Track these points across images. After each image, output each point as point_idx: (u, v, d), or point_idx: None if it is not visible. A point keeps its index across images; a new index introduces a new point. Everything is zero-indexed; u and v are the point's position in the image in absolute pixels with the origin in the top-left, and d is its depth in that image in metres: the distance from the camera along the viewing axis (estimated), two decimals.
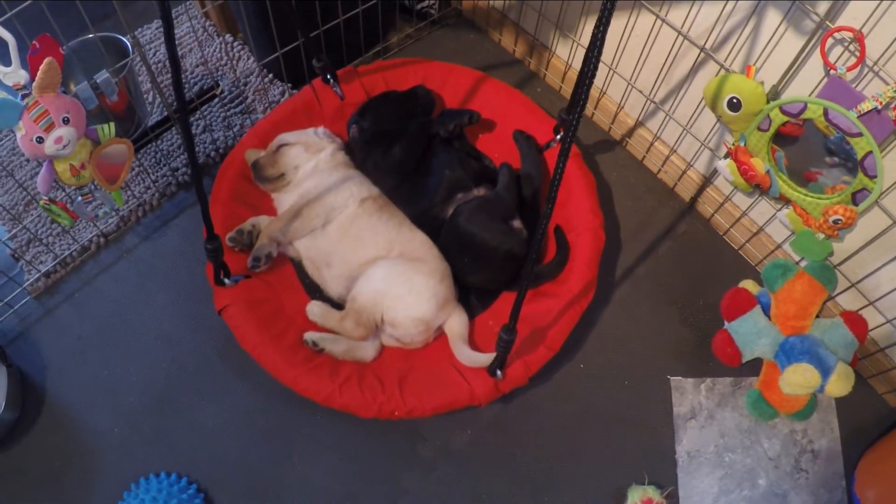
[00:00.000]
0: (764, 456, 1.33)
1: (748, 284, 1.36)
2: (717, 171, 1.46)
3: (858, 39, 1.02)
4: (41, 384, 1.37)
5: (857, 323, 1.24)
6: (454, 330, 1.34)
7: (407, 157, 1.47)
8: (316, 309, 1.36)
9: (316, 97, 1.58)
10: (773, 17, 1.16)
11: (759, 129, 1.22)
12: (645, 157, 1.66)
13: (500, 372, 1.23)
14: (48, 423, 1.33)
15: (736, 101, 1.21)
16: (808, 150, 1.22)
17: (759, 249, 1.51)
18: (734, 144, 1.30)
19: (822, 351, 1.21)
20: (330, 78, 1.56)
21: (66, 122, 1.12)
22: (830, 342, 1.23)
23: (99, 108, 1.39)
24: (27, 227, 1.51)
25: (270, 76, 1.74)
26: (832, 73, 1.07)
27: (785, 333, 1.25)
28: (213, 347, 1.40)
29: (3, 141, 1.69)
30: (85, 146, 1.21)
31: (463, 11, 1.93)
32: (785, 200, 1.30)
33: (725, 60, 1.29)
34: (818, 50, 1.09)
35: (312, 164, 1.47)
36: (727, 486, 1.30)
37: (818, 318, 1.26)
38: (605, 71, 1.59)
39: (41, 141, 1.11)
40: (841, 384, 1.19)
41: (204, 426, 1.33)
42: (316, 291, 1.44)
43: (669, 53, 1.40)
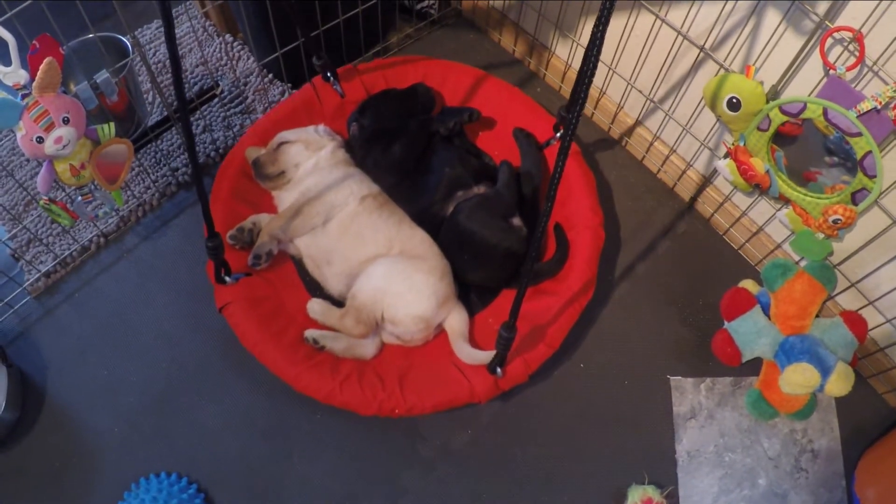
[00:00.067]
0: (764, 455, 1.33)
1: (748, 284, 1.36)
2: (716, 170, 1.46)
3: (858, 39, 1.02)
4: (41, 384, 1.37)
5: (856, 322, 1.24)
6: (454, 327, 1.34)
7: (407, 154, 1.47)
8: (316, 306, 1.37)
9: (316, 95, 1.58)
10: (772, 16, 1.16)
11: (758, 128, 1.22)
12: (644, 156, 1.66)
13: (500, 369, 1.23)
14: (48, 423, 1.33)
15: (735, 100, 1.21)
16: (807, 149, 1.22)
17: (758, 249, 1.51)
18: (734, 144, 1.30)
19: (821, 350, 1.21)
20: (330, 76, 1.56)
21: (66, 122, 1.12)
22: (830, 342, 1.23)
23: (99, 108, 1.39)
24: (27, 227, 1.51)
25: (270, 76, 1.74)
26: (832, 72, 1.08)
27: (785, 333, 1.25)
28: (213, 347, 1.40)
29: (3, 141, 1.69)
30: (85, 146, 1.21)
31: (463, 11, 1.93)
32: (784, 200, 1.31)
33: (725, 60, 1.29)
34: (818, 50, 1.09)
35: (313, 161, 1.47)
36: (727, 485, 1.30)
37: (818, 317, 1.26)
38: (604, 71, 1.59)
39: (41, 141, 1.11)
40: (841, 384, 1.19)
41: (204, 426, 1.33)
42: (316, 289, 1.44)
43: (669, 53, 1.40)
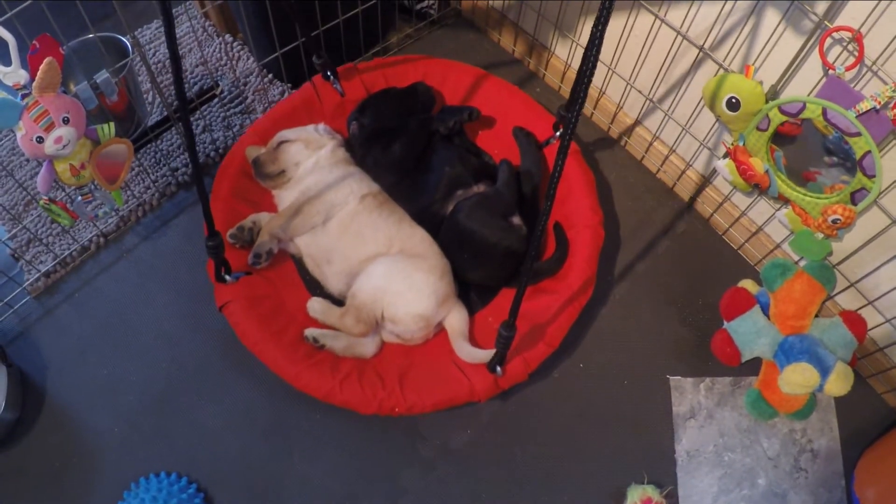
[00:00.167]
0: (763, 455, 1.33)
1: (747, 284, 1.36)
2: (716, 170, 1.46)
3: (857, 39, 1.02)
4: (41, 384, 1.37)
5: (856, 322, 1.24)
6: (454, 326, 1.35)
7: (407, 153, 1.47)
8: (316, 305, 1.37)
9: (316, 94, 1.58)
10: (771, 16, 1.16)
11: (757, 128, 1.23)
12: (644, 156, 1.66)
13: (499, 368, 1.23)
14: (48, 422, 1.33)
15: (735, 100, 1.22)
16: (806, 149, 1.22)
17: (758, 249, 1.51)
18: (733, 144, 1.31)
19: (821, 350, 1.21)
20: (330, 75, 1.56)
21: (66, 121, 1.12)
22: (829, 342, 1.23)
23: (99, 107, 1.39)
24: (27, 226, 1.51)
25: (270, 76, 1.75)
26: (831, 72, 1.08)
27: (784, 333, 1.25)
28: (213, 347, 1.40)
29: (2, 141, 1.70)
30: (85, 146, 1.21)
31: (462, 11, 1.93)
32: (784, 200, 1.31)
33: (724, 60, 1.29)
34: (817, 49, 1.09)
35: (313, 160, 1.47)
36: (726, 485, 1.30)
37: (817, 317, 1.26)
38: (604, 71, 1.59)
39: (41, 141, 1.11)
40: (840, 383, 1.19)
41: (204, 425, 1.33)
42: (316, 288, 1.44)
43: (668, 53, 1.40)
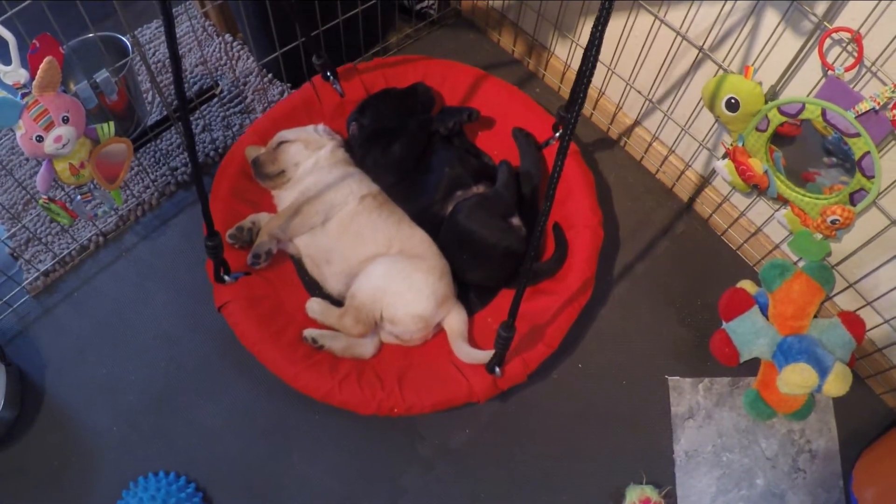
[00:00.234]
0: (762, 456, 1.33)
1: (746, 284, 1.36)
2: (715, 171, 1.46)
3: (856, 40, 1.02)
4: (40, 383, 1.37)
5: (854, 323, 1.24)
6: (453, 327, 1.35)
7: (406, 154, 1.47)
8: (315, 306, 1.37)
9: (316, 94, 1.58)
10: (771, 17, 1.17)
11: (757, 129, 1.23)
12: (643, 157, 1.66)
13: (498, 369, 1.23)
14: (47, 421, 1.33)
15: (734, 101, 1.22)
16: (806, 150, 1.22)
17: (757, 249, 1.51)
18: (732, 145, 1.31)
19: (819, 351, 1.21)
20: (330, 75, 1.56)
21: (65, 121, 1.12)
22: (828, 342, 1.23)
23: (98, 107, 1.39)
24: (26, 225, 1.51)
25: (270, 76, 1.75)
26: (830, 73, 1.08)
27: (783, 333, 1.25)
28: (211, 346, 1.40)
29: (2, 140, 1.69)
30: (84, 145, 1.21)
31: (462, 11, 1.93)
32: (783, 201, 1.31)
33: (724, 61, 1.29)
34: (816, 50, 1.09)
35: (312, 161, 1.47)
36: (725, 485, 1.30)
37: (816, 318, 1.26)
38: (603, 71, 1.59)
39: (41, 140, 1.11)
40: (838, 384, 1.19)
41: (203, 425, 1.33)
42: (315, 288, 1.44)
43: (668, 54, 1.40)
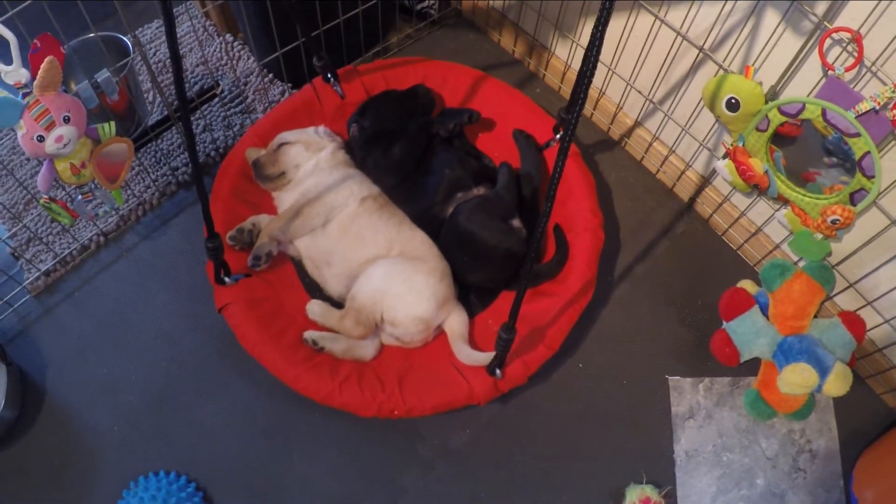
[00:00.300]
0: (762, 455, 1.33)
1: (746, 284, 1.36)
2: (715, 171, 1.46)
3: (856, 40, 1.03)
4: (41, 383, 1.37)
5: (854, 323, 1.24)
6: (454, 329, 1.34)
7: (407, 156, 1.47)
8: (316, 308, 1.37)
9: (316, 96, 1.58)
10: (771, 17, 1.17)
11: (757, 129, 1.23)
12: (644, 157, 1.66)
13: (499, 371, 1.23)
14: (48, 421, 1.33)
15: (734, 101, 1.22)
16: (806, 150, 1.23)
17: (757, 249, 1.51)
18: (733, 145, 1.31)
19: (820, 351, 1.21)
20: (330, 77, 1.56)
21: (66, 120, 1.13)
22: (828, 342, 1.23)
23: (99, 107, 1.39)
24: (27, 225, 1.51)
25: (270, 76, 1.75)
26: (830, 73, 1.08)
27: (783, 333, 1.25)
28: (212, 346, 1.41)
29: (3, 139, 1.70)
30: (85, 145, 1.21)
31: (462, 12, 1.93)
32: (783, 200, 1.31)
33: (724, 61, 1.29)
34: (816, 50, 1.09)
35: (313, 162, 1.47)
36: (725, 485, 1.30)
37: (816, 318, 1.26)
38: (604, 71, 1.60)
39: (42, 139, 1.11)
40: (839, 384, 1.19)
41: (203, 425, 1.33)
42: (316, 290, 1.44)
43: (668, 54, 1.40)
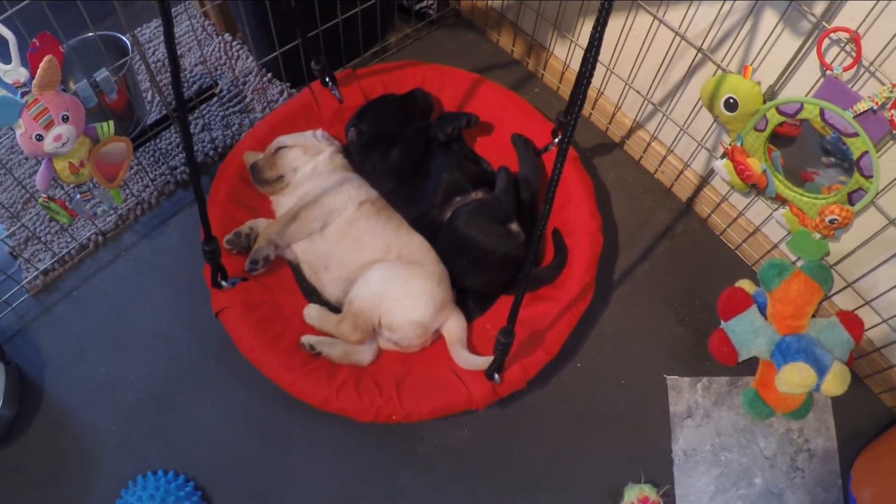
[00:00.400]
0: (760, 455, 1.33)
1: (744, 284, 1.36)
2: (713, 171, 1.46)
3: (855, 40, 1.03)
4: (39, 382, 1.37)
5: (853, 323, 1.24)
6: (452, 333, 1.34)
7: (405, 160, 1.47)
8: (313, 312, 1.36)
9: (314, 100, 1.58)
10: (769, 17, 1.17)
11: (755, 129, 1.23)
12: (642, 157, 1.67)
13: (497, 376, 1.22)
14: (46, 420, 1.33)
15: (733, 101, 1.22)
16: (804, 150, 1.23)
17: (755, 249, 1.51)
18: (731, 144, 1.31)
19: (818, 350, 1.21)
20: (328, 81, 1.56)
21: (65, 119, 1.13)
22: (826, 342, 1.23)
23: (98, 106, 1.39)
24: (26, 224, 1.51)
25: (269, 75, 1.75)
26: (828, 73, 1.08)
27: (781, 333, 1.26)
28: (210, 346, 1.40)
29: (2, 138, 1.69)
30: (84, 144, 1.21)
31: (461, 12, 1.93)
32: (781, 200, 1.31)
33: (722, 61, 1.29)
34: (815, 50, 1.10)
35: (311, 166, 1.46)
36: (723, 484, 1.30)
37: (814, 317, 1.26)
38: (602, 71, 1.60)
39: (40, 139, 1.11)
40: (837, 383, 1.19)
41: (202, 424, 1.33)
42: (313, 294, 1.44)
43: (667, 54, 1.40)
